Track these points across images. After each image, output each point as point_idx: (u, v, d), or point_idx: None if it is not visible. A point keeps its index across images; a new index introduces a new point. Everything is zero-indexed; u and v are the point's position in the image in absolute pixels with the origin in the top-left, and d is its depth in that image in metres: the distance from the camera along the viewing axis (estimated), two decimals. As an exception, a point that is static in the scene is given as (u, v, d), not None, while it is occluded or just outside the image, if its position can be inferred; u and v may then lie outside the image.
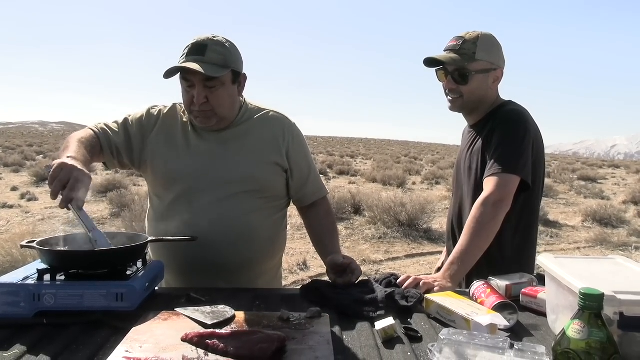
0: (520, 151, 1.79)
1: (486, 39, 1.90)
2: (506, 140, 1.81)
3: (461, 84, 1.91)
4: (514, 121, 1.86)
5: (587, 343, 0.88)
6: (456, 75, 1.90)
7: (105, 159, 1.81)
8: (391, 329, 1.23)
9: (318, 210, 1.96)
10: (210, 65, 1.62)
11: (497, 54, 1.93)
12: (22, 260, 4.73)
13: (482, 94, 1.94)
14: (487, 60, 1.89)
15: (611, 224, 9.77)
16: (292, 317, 1.30)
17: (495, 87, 1.97)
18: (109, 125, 1.82)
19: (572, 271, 1.21)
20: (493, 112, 1.95)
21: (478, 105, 1.97)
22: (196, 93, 1.66)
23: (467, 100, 1.94)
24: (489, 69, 1.91)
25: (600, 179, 22.43)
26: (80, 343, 1.17)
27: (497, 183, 1.75)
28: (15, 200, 11.24)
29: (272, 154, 1.82)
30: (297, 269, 6.01)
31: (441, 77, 1.96)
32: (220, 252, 1.74)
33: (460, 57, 1.88)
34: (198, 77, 1.64)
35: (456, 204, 2.07)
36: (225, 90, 1.70)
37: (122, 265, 1.48)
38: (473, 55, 1.87)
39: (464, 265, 1.69)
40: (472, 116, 2.03)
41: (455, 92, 1.94)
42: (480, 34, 1.90)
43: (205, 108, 1.69)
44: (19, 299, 1.30)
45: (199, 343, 1.12)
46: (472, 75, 1.89)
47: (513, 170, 1.77)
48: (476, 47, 1.87)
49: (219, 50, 1.66)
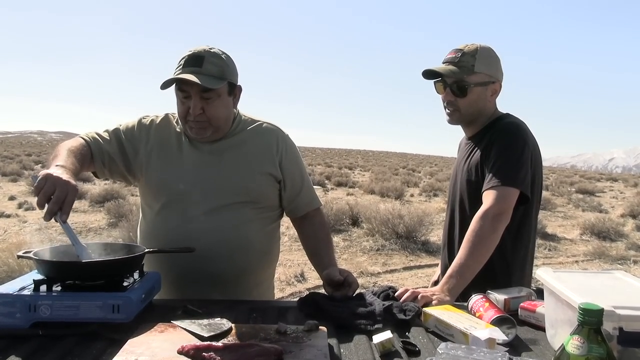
0: (519, 164, 1.79)
1: (485, 52, 1.90)
2: (505, 153, 1.82)
3: (459, 96, 1.91)
4: (513, 134, 1.86)
5: (586, 359, 0.87)
6: (455, 87, 1.90)
7: (95, 168, 1.80)
8: (389, 342, 1.23)
9: (312, 221, 1.95)
10: (207, 76, 1.62)
11: (495, 67, 1.94)
12: (19, 270, 4.70)
13: (480, 107, 1.94)
14: (485, 73, 1.90)
15: (609, 237, 9.77)
16: (289, 330, 1.29)
17: (494, 99, 1.97)
18: (100, 134, 1.82)
19: (571, 285, 1.20)
20: (491, 125, 1.96)
21: (476, 117, 1.97)
22: (192, 104, 1.66)
23: (465, 113, 1.94)
24: (488, 82, 1.91)
25: (598, 192, 22.48)
26: (76, 354, 1.16)
27: (497, 196, 1.75)
28: (12, 209, 11.21)
29: (265, 165, 1.81)
30: (294, 281, 5.98)
31: (439, 89, 1.97)
32: (214, 263, 1.73)
33: (459, 69, 1.88)
34: (195, 88, 1.64)
35: (451, 216, 2.07)
36: (221, 102, 1.70)
37: (119, 277, 1.48)
38: (472, 67, 1.87)
39: (463, 279, 1.68)
40: (470, 128, 2.03)
41: (454, 104, 1.94)
42: (479, 46, 1.91)
43: (201, 119, 1.69)
44: (15, 309, 1.29)
45: (195, 356, 1.11)
46: (471, 88, 1.89)
47: (512, 183, 1.77)
48: (475, 59, 1.88)
49: (216, 62, 1.66)
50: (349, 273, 1.69)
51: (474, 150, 1.96)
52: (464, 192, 1.97)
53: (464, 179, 1.98)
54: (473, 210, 1.82)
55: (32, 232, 8.25)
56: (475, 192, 1.88)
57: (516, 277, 1.85)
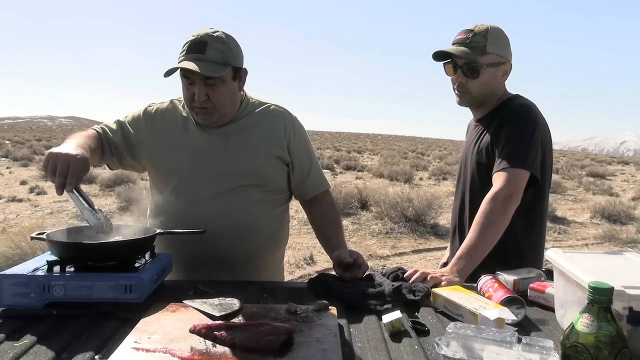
0: (530, 146, 1.78)
1: (496, 32, 1.88)
2: (515, 135, 1.80)
3: (471, 77, 1.88)
4: (523, 115, 1.84)
5: (596, 337, 0.87)
6: (466, 68, 1.88)
7: (106, 159, 1.85)
8: (398, 322, 1.23)
9: (321, 204, 1.95)
10: (211, 63, 1.61)
11: (506, 47, 1.91)
12: (32, 253, 4.78)
13: (491, 88, 1.92)
14: (497, 54, 1.87)
15: (620, 220, 9.71)
16: (299, 310, 1.30)
17: (504, 80, 1.95)
18: (109, 125, 1.87)
19: (580, 266, 1.20)
20: (501, 106, 1.94)
21: (486, 99, 1.95)
22: (197, 91, 1.65)
23: (476, 95, 1.92)
24: (499, 63, 1.89)
25: (609, 176, 22.28)
26: (89, 334, 1.18)
27: (507, 178, 1.74)
28: (24, 194, 11.34)
29: (273, 148, 1.81)
30: (303, 264, 6.01)
31: (449, 71, 1.94)
32: (223, 246, 1.74)
33: (471, 50, 1.85)
34: (198, 75, 1.63)
35: (461, 199, 2.06)
36: (226, 87, 1.69)
37: (131, 258, 1.49)
38: (484, 48, 1.85)
39: (472, 260, 1.68)
40: (479, 110, 2.01)
41: (464, 86, 1.91)
42: (490, 26, 1.88)
43: (207, 105, 1.68)
44: (29, 290, 1.31)
45: (206, 334, 1.13)
46: (483, 69, 1.87)
47: (522, 165, 1.76)
48: (487, 40, 1.85)
49: (219, 47, 1.64)
50: (358, 255, 1.69)
51: (483, 133, 1.95)
52: (474, 175, 1.96)
53: (474, 161, 1.96)
54: (483, 192, 1.81)
55: (44, 216, 8.34)
56: (486, 174, 1.87)
57: (528, 259, 1.84)
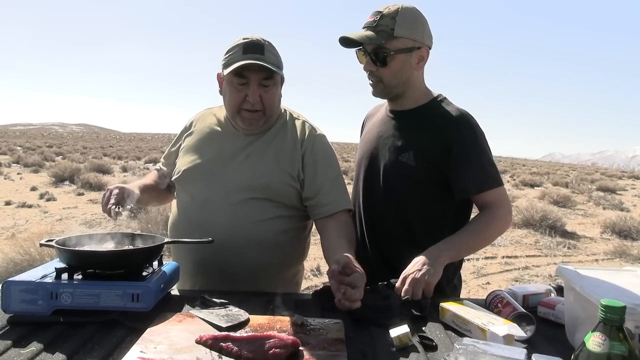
0: (493, 162, 1.75)
1: (407, 12, 1.69)
2: (481, 157, 1.72)
3: (380, 65, 1.71)
4: (475, 132, 1.73)
5: (607, 356, 0.86)
6: (374, 55, 1.71)
7: (171, 192, 1.99)
8: (406, 336, 1.22)
9: (331, 225, 1.75)
10: (270, 64, 1.63)
11: (420, 30, 1.72)
12: (40, 259, 4.79)
13: (405, 77, 1.74)
14: (408, 37, 1.69)
15: (631, 236, 9.59)
16: (306, 322, 1.29)
17: (421, 68, 1.77)
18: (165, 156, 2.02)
19: (591, 282, 1.19)
20: (428, 108, 1.78)
21: (403, 89, 1.78)
22: (251, 91, 1.65)
23: (389, 84, 1.75)
24: (412, 48, 1.71)
25: (619, 190, 22.07)
26: (96, 342, 1.18)
27: (502, 197, 1.75)
28: (34, 200, 11.41)
29: (286, 162, 1.76)
30: (310, 275, 6.00)
31: (361, 58, 1.77)
32: (230, 259, 1.70)
33: (377, 34, 1.67)
34: (256, 75, 1.64)
35: (369, 199, 1.88)
36: (277, 91, 1.72)
37: (139, 266, 1.50)
38: (391, 31, 1.66)
39: (458, 257, 1.72)
40: (397, 102, 1.84)
41: (375, 75, 1.74)
42: (401, 7, 1.69)
43: (258, 108, 1.68)
44: (37, 296, 1.32)
45: (213, 345, 1.13)
46: (392, 56, 1.69)
47: (500, 182, 1.75)
48: (395, 22, 1.66)
49: (274, 51, 1.68)
50: (349, 260, 1.49)
51: (409, 131, 1.79)
52: (388, 171, 1.80)
53: (392, 159, 1.79)
54: (397, 190, 1.76)
55: (53, 223, 8.40)
56: (412, 177, 1.75)
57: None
